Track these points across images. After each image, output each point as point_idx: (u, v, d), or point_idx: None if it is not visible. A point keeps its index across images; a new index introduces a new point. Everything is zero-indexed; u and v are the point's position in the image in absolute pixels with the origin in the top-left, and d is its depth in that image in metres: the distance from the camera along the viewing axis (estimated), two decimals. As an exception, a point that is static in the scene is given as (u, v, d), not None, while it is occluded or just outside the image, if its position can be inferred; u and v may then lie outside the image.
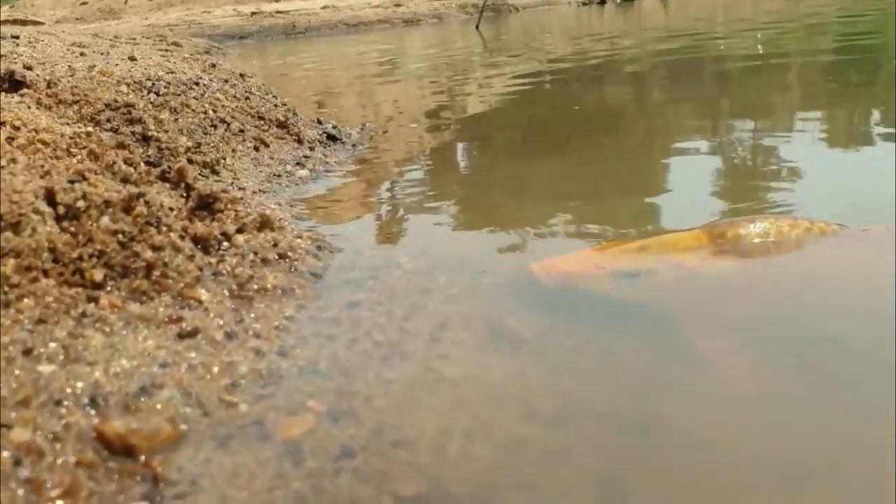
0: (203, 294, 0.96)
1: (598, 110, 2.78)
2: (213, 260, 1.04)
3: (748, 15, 6.93)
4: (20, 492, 0.55)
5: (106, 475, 0.61)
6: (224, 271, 1.03)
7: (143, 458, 0.65)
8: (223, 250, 1.08)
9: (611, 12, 10.20)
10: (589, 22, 8.64)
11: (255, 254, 1.08)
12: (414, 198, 1.65)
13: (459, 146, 2.26)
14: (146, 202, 1.02)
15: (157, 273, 0.96)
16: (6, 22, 6.26)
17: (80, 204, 0.95)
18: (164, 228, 1.02)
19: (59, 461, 0.60)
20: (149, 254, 0.96)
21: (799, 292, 1.02)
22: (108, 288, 0.92)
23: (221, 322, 0.91)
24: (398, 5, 13.21)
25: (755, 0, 9.08)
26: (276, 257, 1.11)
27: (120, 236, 0.96)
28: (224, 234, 1.10)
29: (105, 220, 0.96)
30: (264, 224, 1.18)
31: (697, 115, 2.56)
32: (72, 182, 0.98)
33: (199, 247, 1.06)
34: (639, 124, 2.41)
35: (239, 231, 1.12)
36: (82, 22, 12.68)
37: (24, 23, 6.56)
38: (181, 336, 0.86)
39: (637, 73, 3.68)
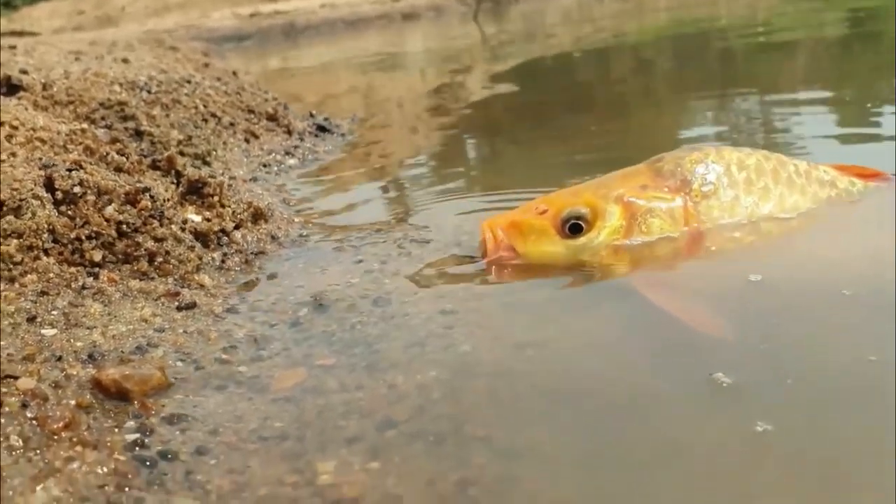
0: (206, 279, 1.04)
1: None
2: (215, 254, 1.12)
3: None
4: (27, 426, 0.64)
5: (103, 413, 0.70)
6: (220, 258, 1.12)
7: (136, 401, 0.74)
8: (223, 244, 1.15)
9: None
10: (590, 12, 8.56)
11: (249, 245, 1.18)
12: (390, 186, 1.72)
13: (444, 135, 2.34)
14: (151, 196, 1.09)
15: (159, 259, 1.04)
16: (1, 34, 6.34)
17: (77, 190, 1.04)
18: (167, 221, 1.09)
19: (62, 403, 0.69)
20: (151, 244, 1.04)
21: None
22: (108, 268, 1.00)
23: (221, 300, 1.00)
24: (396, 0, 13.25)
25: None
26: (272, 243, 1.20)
27: (123, 226, 1.04)
28: (223, 230, 1.17)
29: (110, 209, 1.04)
30: (258, 216, 1.26)
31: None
32: (69, 170, 1.06)
33: (199, 241, 1.14)
34: (647, 116, 2.36)
35: (237, 227, 1.20)
36: (80, 31, 12.74)
37: (20, 34, 6.64)
38: (179, 308, 0.95)
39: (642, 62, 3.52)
